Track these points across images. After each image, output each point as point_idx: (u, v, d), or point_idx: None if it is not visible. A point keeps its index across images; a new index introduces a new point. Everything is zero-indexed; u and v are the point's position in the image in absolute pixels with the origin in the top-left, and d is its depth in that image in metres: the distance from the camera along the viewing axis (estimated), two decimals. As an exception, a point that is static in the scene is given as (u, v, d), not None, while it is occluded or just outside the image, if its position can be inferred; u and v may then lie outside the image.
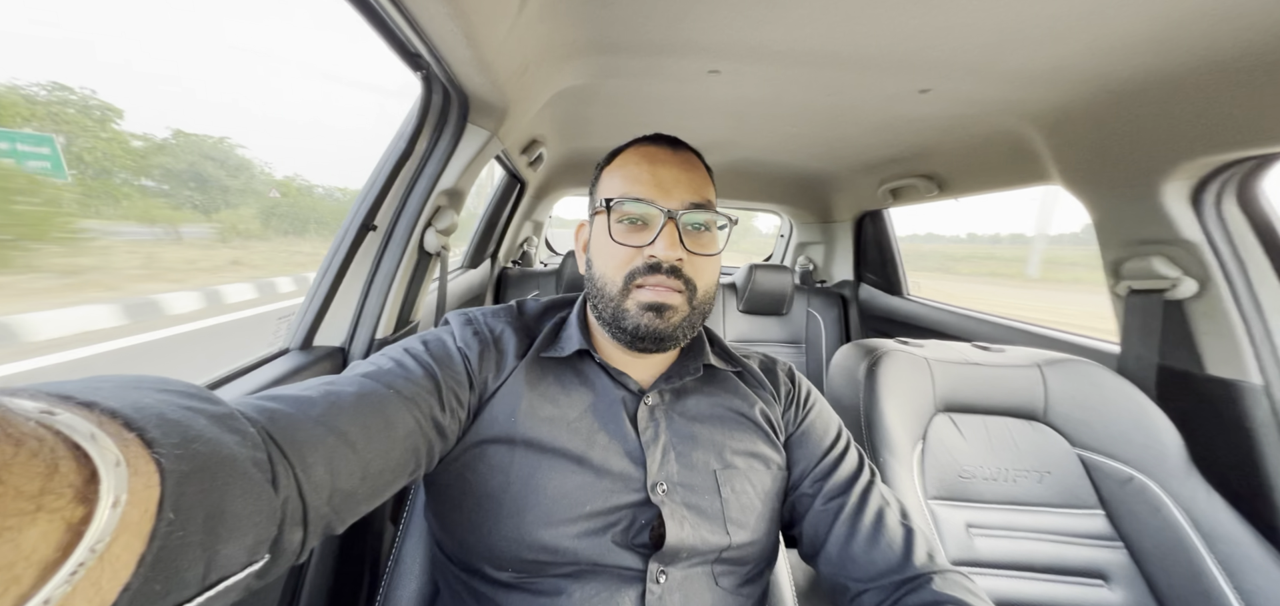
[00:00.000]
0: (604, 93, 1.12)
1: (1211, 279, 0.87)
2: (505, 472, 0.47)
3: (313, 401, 0.36)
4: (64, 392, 0.21)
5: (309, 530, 0.31)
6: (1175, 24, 0.64)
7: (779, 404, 0.59)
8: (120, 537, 0.19)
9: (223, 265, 2.74)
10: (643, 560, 0.47)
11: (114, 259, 2.02)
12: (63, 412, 0.19)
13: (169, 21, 21.29)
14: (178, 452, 0.22)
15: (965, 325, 1.56)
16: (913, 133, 1.28)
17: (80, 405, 0.21)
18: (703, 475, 0.51)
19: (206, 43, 24.52)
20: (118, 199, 3.01)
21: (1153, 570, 0.80)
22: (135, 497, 0.19)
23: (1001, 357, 0.96)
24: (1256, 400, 0.85)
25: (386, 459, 0.38)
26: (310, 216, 5.51)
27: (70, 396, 0.21)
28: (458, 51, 0.63)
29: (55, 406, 0.20)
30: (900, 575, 0.48)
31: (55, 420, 0.19)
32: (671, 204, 0.49)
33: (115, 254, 2.01)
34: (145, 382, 0.26)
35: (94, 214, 2.17)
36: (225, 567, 0.24)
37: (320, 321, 0.77)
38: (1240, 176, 0.84)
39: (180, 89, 14.72)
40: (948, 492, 0.86)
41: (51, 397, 0.20)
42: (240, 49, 35.88)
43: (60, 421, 0.19)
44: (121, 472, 0.19)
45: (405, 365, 0.45)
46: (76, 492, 0.18)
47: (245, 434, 0.27)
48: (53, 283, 1.74)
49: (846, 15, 0.67)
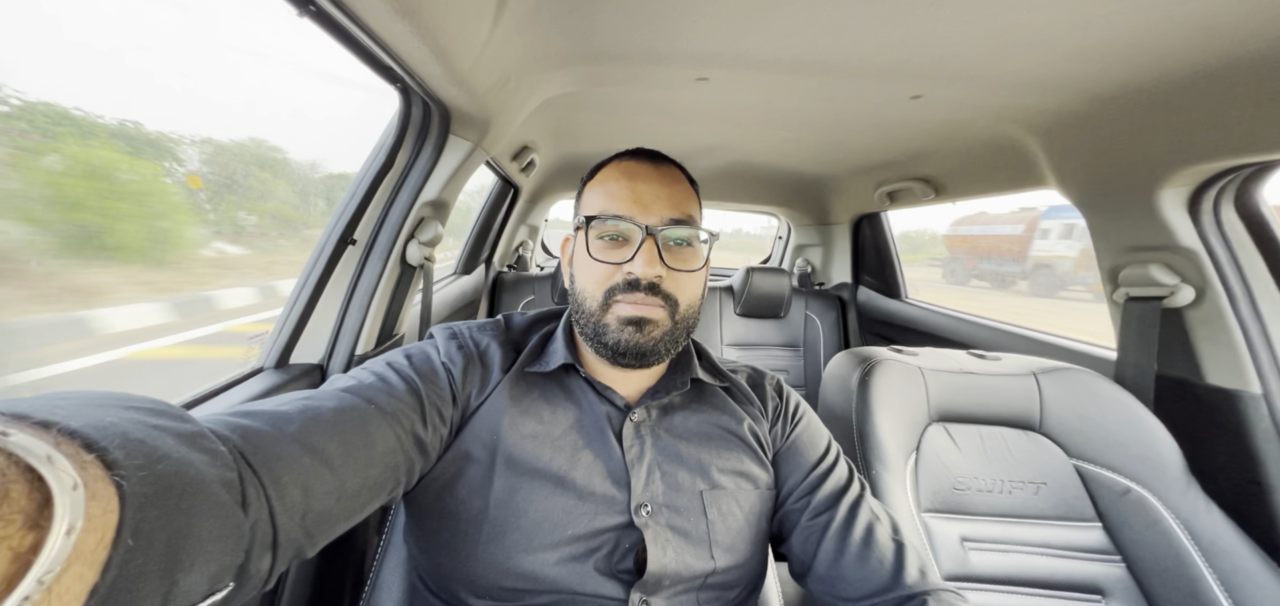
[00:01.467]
0: (594, 99, 1.11)
1: (1209, 286, 0.86)
2: (485, 494, 0.46)
3: (289, 417, 0.35)
4: (19, 412, 0.20)
5: (278, 555, 0.30)
6: (1162, 34, 0.63)
7: (767, 419, 0.58)
8: (72, 567, 0.18)
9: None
10: (624, 589, 0.46)
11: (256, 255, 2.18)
12: (16, 433, 0.19)
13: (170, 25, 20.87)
14: (141, 474, 0.21)
15: (963, 329, 1.54)
16: (908, 137, 1.26)
17: (36, 425, 0.20)
18: (689, 496, 0.50)
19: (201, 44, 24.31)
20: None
21: (1151, 585, 0.78)
22: (92, 523, 0.19)
23: (997, 366, 0.94)
24: (1257, 410, 0.83)
25: (365, 477, 0.38)
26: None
27: (26, 415, 0.20)
28: (430, 68, 0.62)
29: (9, 427, 0.19)
30: (892, 594, 0.47)
31: (8, 441, 0.18)
32: (650, 220, 0.49)
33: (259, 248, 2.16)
34: (110, 400, 0.25)
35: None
36: (185, 598, 0.23)
37: (297, 338, 0.76)
38: (1238, 183, 0.82)
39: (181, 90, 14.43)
40: (942, 505, 0.84)
41: (6, 418, 0.19)
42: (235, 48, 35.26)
43: (13, 442, 0.18)
44: (78, 496, 0.18)
45: (387, 379, 0.44)
46: (27, 519, 0.17)
47: (215, 453, 0.26)
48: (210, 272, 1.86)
49: (831, 25, 0.66)
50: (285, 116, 7.37)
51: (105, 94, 1.49)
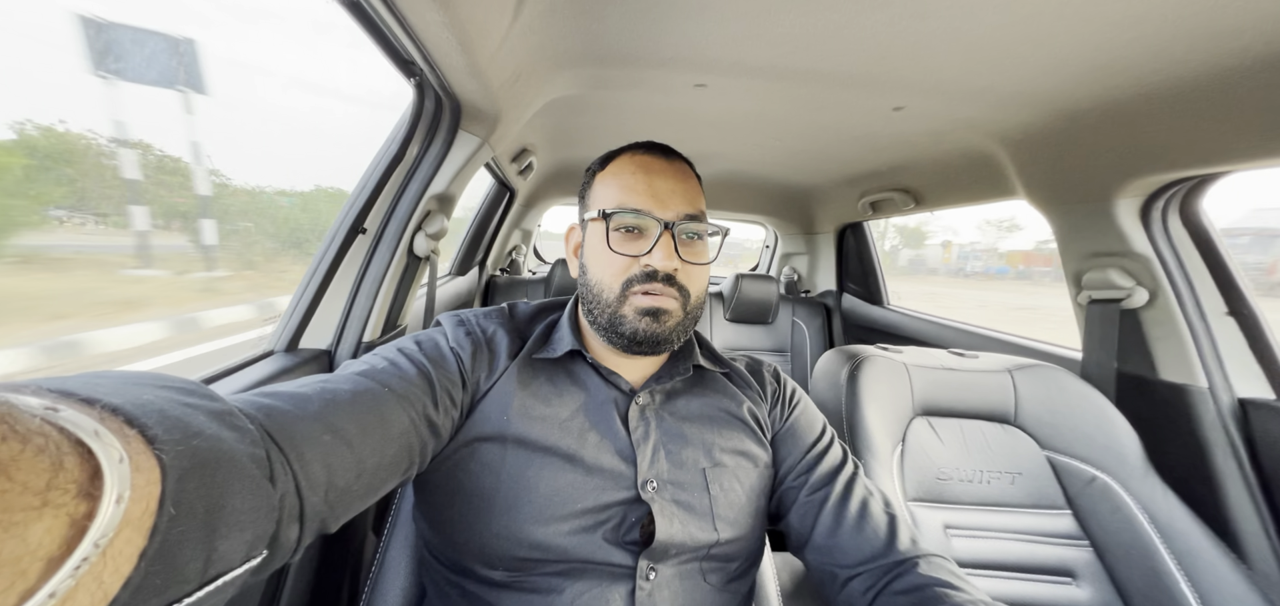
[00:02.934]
0: (593, 103, 1.14)
1: (1161, 289, 0.93)
2: (497, 471, 0.48)
3: (309, 398, 0.36)
4: (66, 389, 0.22)
5: (305, 526, 0.31)
6: (1115, 55, 0.69)
7: (765, 403, 0.61)
8: (123, 533, 0.19)
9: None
10: (633, 557, 0.48)
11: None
12: (66, 409, 0.20)
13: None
14: (178, 448, 0.22)
15: (942, 334, 1.62)
16: (890, 148, 1.34)
17: (82, 402, 0.21)
18: (692, 473, 0.52)
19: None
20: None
21: (1116, 567, 0.83)
22: (138, 493, 0.20)
23: (975, 363, 1.00)
24: (1204, 403, 0.90)
25: (381, 456, 0.39)
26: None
27: (72, 393, 0.21)
28: (451, 58, 0.65)
29: (58, 403, 0.20)
30: (886, 559, 0.50)
31: (59, 417, 0.19)
32: (668, 215, 0.50)
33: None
34: (144, 379, 0.26)
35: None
36: (224, 563, 0.24)
37: (307, 323, 0.76)
38: (1182, 195, 0.91)
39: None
40: (926, 494, 0.89)
41: (54, 394, 0.21)
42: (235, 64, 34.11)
43: (64, 418, 0.19)
44: (124, 468, 0.20)
45: (399, 364, 0.46)
46: (80, 488, 0.18)
47: (243, 430, 0.28)
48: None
49: (824, 33, 0.71)
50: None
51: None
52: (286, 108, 36.20)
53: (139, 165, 3.33)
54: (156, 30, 1.14)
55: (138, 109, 1.86)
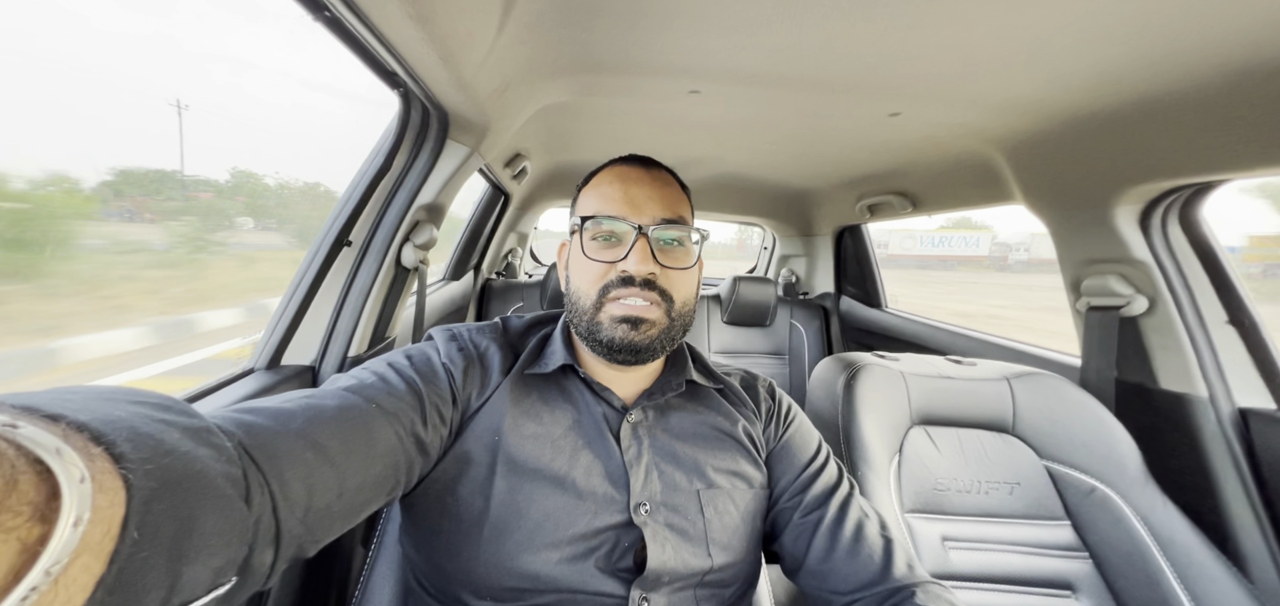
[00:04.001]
0: (587, 108, 1.13)
1: (1160, 296, 0.92)
2: (486, 494, 0.47)
3: (292, 414, 0.35)
4: (30, 404, 0.20)
5: (280, 551, 0.30)
6: (1113, 63, 0.69)
7: (760, 420, 0.60)
8: (79, 559, 0.18)
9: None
10: (625, 587, 0.47)
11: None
12: (26, 425, 0.19)
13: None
14: (147, 467, 0.21)
15: (940, 337, 1.61)
16: (887, 152, 1.33)
17: (46, 418, 0.20)
18: (686, 495, 0.51)
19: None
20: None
21: (1115, 580, 0.82)
22: (98, 515, 0.19)
23: (973, 371, 0.99)
24: (1204, 412, 0.89)
25: (366, 475, 0.38)
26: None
27: (36, 408, 0.20)
28: (435, 72, 0.63)
29: (18, 419, 0.19)
30: (882, 586, 0.49)
31: (17, 433, 0.18)
32: (642, 219, 0.50)
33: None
34: (118, 394, 0.25)
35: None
36: (189, 591, 0.23)
37: (289, 339, 0.75)
38: (1182, 202, 0.90)
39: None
40: (924, 505, 0.88)
41: (15, 410, 0.20)
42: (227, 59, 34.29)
43: (22, 435, 0.18)
44: (85, 489, 0.18)
45: (388, 380, 0.45)
46: (35, 510, 0.17)
47: (220, 448, 0.27)
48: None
49: (819, 43, 0.70)
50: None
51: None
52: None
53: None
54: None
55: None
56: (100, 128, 6.73)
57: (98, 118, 9.00)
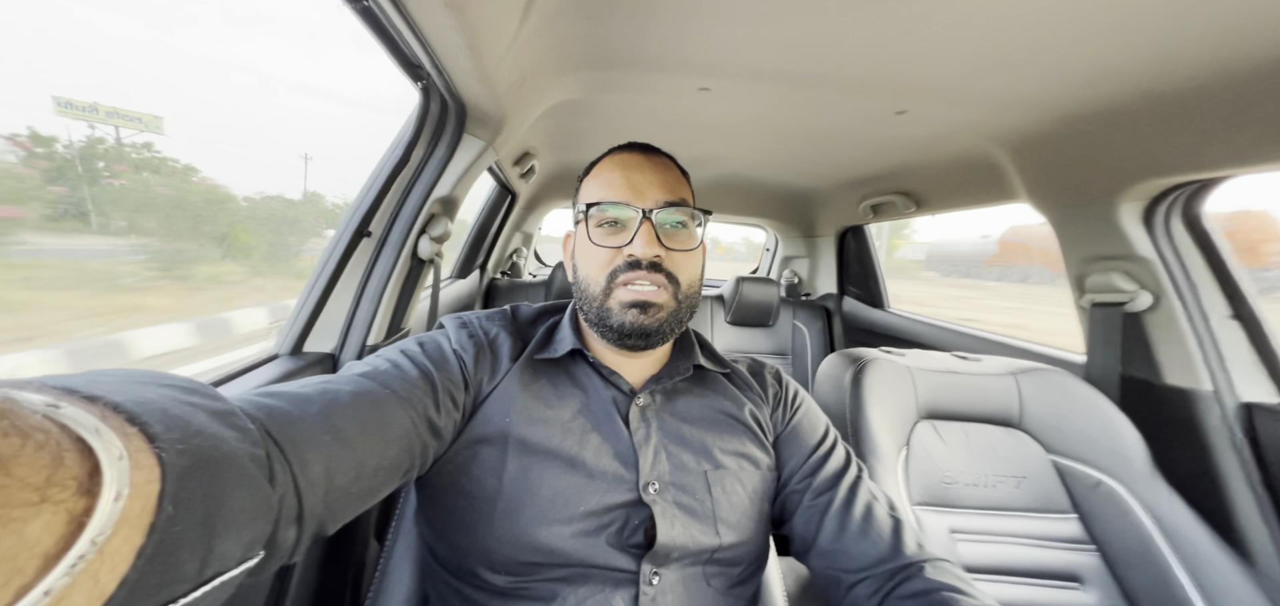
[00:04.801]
0: (597, 107, 1.15)
1: (1164, 293, 0.93)
2: (499, 473, 0.48)
3: (310, 399, 0.36)
4: (69, 386, 0.22)
5: (303, 528, 0.31)
6: (1117, 60, 0.70)
7: (767, 405, 0.61)
8: (120, 531, 0.19)
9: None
10: (636, 561, 0.47)
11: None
12: (68, 406, 0.20)
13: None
14: (179, 447, 0.22)
15: (943, 337, 1.62)
16: (891, 152, 1.34)
17: (84, 399, 0.21)
18: (694, 475, 0.52)
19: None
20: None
21: (1122, 572, 0.83)
22: (136, 491, 0.20)
23: (979, 367, 1.00)
24: (1208, 407, 0.90)
25: (382, 458, 0.39)
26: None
27: (75, 390, 0.21)
28: (459, 62, 0.65)
29: (60, 400, 0.20)
30: (892, 564, 0.50)
31: (60, 413, 0.19)
32: (646, 203, 0.51)
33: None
34: (147, 378, 0.26)
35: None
36: (221, 563, 0.24)
37: (311, 327, 0.76)
38: (1185, 198, 0.91)
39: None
40: (932, 498, 0.88)
41: (57, 391, 0.21)
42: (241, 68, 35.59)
43: (65, 415, 0.19)
44: (123, 466, 0.20)
45: (401, 366, 0.46)
46: (79, 485, 0.18)
47: (244, 430, 0.28)
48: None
49: (829, 38, 0.72)
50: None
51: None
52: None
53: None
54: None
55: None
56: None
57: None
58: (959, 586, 0.46)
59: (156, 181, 3.28)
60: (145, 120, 3.01)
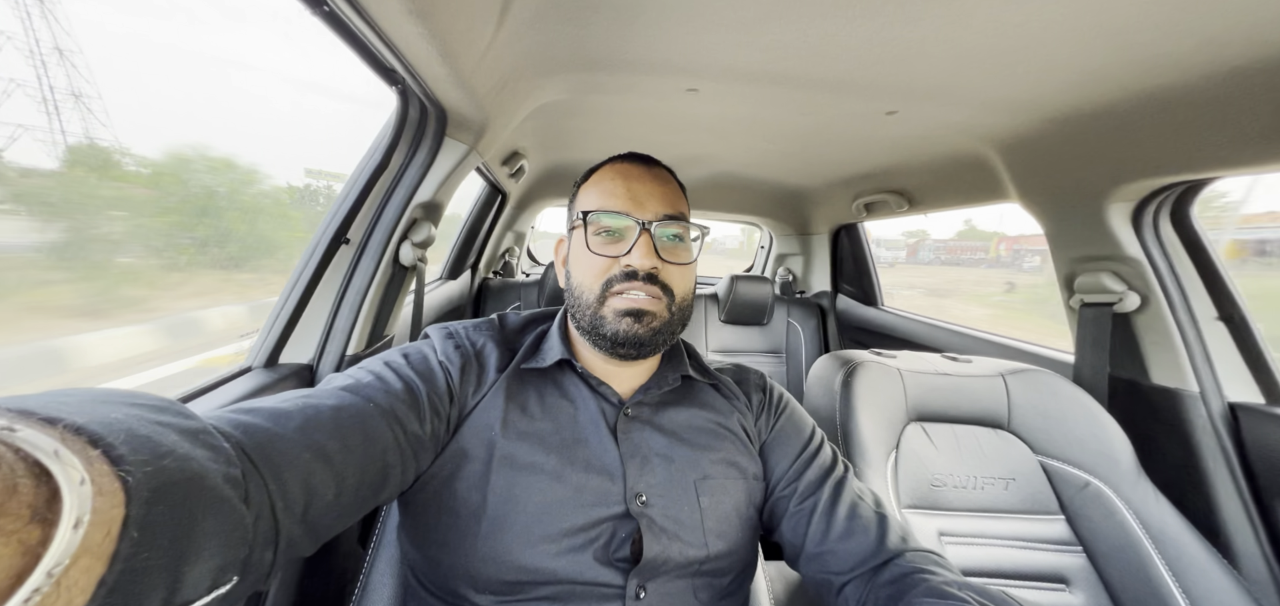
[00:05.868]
0: (585, 107, 1.13)
1: (1152, 293, 0.93)
2: (483, 489, 0.47)
3: (289, 415, 0.35)
4: (26, 408, 0.20)
5: (279, 550, 0.30)
6: (1106, 61, 0.69)
7: (753, 413, 0.61)
8: (80, 560, 0.18)
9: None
10: (622, 576, 0.47)
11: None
12: (24, 429, 0.19)
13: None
14: (146, 469, 0.21)
15: (936, 335, 1.62)
16: (883, 151, 1.33)
17: (43, 421, 0.20)
18: (681, 486, 0.51)
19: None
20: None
21: (1108, 572, 0.83)
22: (98, 517, 0.19)
23: (968, 368, 0.99)
24: (1195, 407, 0.90)
25: (363, 475, 0.38)
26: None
27: (32, 412, 0.20)
28: (434, 69, 0.63)
29: (15, 423, 0.19)
30: (877, 559, 0.50)
31: (15, 437, 0.18)
32: (645, 216, 0.51)
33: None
34: (114, 397, 0.25)
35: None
36: (190, 591, 0.23)
37: (287, 338, 0.75)
38: (1173, 199, 0.91)
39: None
40: (921, 501, 0.88)
41: (12, 414, 0.20)
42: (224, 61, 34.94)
43: (20, 438, 0.18)
44: (85, 491, 0.18)
45: (385, 378, 0.45)
46: (35, 513, 0.17)
47: (218, 449, 0.27)
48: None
49: (816, 41, 0.70)
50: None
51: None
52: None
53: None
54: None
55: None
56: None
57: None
58: (930, 567, 0.47)
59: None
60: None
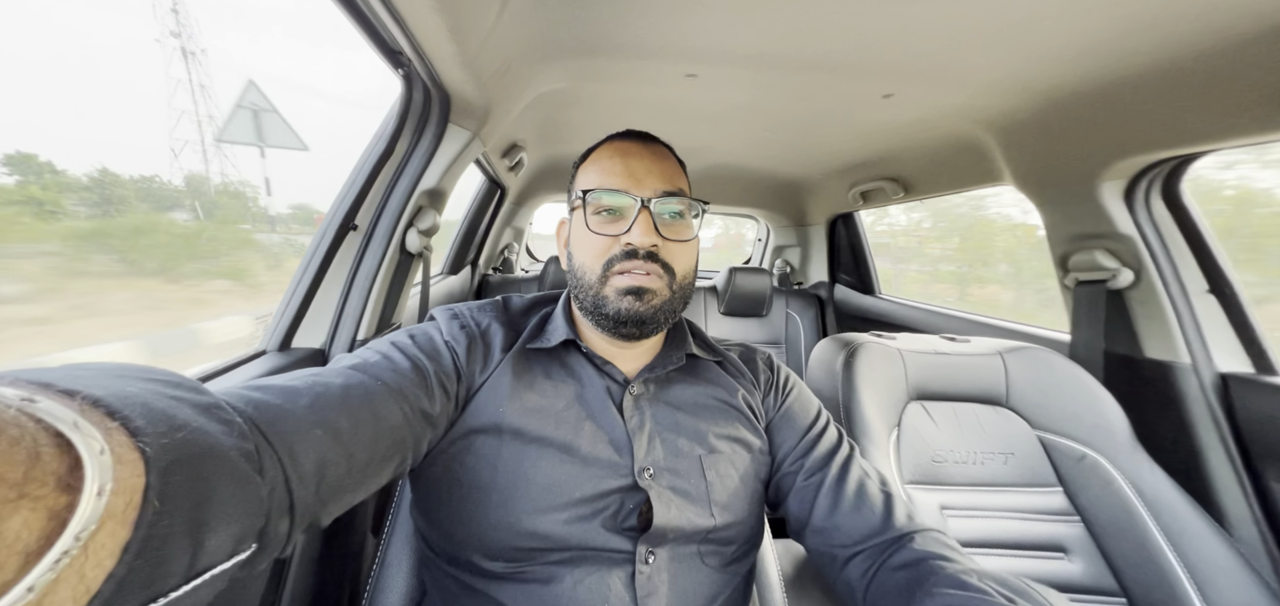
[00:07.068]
0: (584, 96, 1.14)
1: (1145, 269, 0.95)
2: (493, 462, 0.48)
3: (299, 392, 0.35)
4: (45, 381, 0.21)
5: (295, 520, 0.31)
6: (1097, 37, 0.71)
7: (759, 391, 0.61)
8: (105, 526, 0.19)
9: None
10: (631, 542, 0.48)
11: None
12: (44, 400, 0.19)
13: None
14: (163, 441, 0.22)
15: (933, 321, 1.64)
16: (879, 137, 1.35)
17: (61, 393, 0.21)
18: (688, 460, 0.52)
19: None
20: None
21: (1106, 541, 0.85)
22: (120, 486, 0.19)
23: (967, 348, 1.01)
24: (1187, 379, 0.92)
25: (373, 450, 0.38)
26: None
27: (51, 384, 0.21)
28: (440, 47, 0.64)
29: (36, 394, 0.20)
30: (883, 536, 0.51)
31: (35, 408, 0.19)
32: (644, 192, 0.51)
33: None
34: (129, 371, 0.25)
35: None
36: (212, 557, 0.24)
37: (299, 322, 0.75)
38: (1164, 175, 0.93)
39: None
40: (922, 477, 0.90)
41: (32, 385, 0.20)
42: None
43: (41, 409, 0.19)
44: (106, 460, 0.19)
45: (392, 358, 0.45)
46: (59, 480, 0.18)
47: (231, 423, 0.27)
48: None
49: (814, 21, 0.72)
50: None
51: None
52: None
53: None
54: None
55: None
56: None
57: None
58: (946, 553, 0.47)
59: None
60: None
